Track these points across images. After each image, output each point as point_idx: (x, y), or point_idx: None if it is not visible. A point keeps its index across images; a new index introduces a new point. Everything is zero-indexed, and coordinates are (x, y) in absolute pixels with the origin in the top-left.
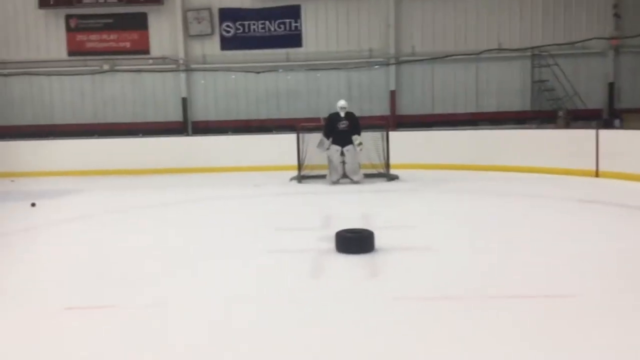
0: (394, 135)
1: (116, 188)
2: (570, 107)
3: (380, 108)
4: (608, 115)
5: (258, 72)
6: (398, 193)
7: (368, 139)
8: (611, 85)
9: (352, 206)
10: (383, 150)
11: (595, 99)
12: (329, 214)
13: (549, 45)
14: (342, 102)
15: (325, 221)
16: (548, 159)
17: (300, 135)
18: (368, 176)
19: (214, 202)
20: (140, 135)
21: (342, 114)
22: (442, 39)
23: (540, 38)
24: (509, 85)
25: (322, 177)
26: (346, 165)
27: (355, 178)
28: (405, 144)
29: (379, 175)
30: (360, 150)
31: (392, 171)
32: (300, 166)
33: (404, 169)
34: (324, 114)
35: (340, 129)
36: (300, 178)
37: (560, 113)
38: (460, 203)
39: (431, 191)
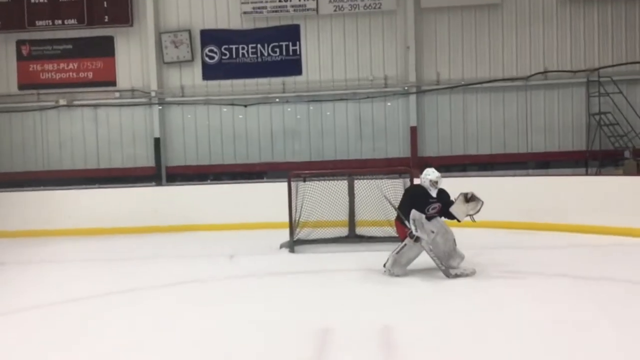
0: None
1: (55, 260)
2: (638, 146)
3: (398, 148)
4: None
5: (246, 105)
6: (439, 278)
7: (388, 189)
8: None
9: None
10: None
11: None
12: (330, 326)
13: (609, 66)
14: (434, 174)
15: (321, 344)
16: (620, 216)
17: (295, 184)
18: (388, 239)
19: (164, 296)
20: (97, 185)
21: (434, 193)
22: (473, 64)
23: (596, 60)
24: (559, 119)
25: (323, 241)
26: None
27: (454, 265)
28: None
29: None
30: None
31: None
32: (292, 228)
33: None
34: (329, 155)
35: (428, 215)
36: (293, 245)
37: (627, 154)
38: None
39: (495, 275)
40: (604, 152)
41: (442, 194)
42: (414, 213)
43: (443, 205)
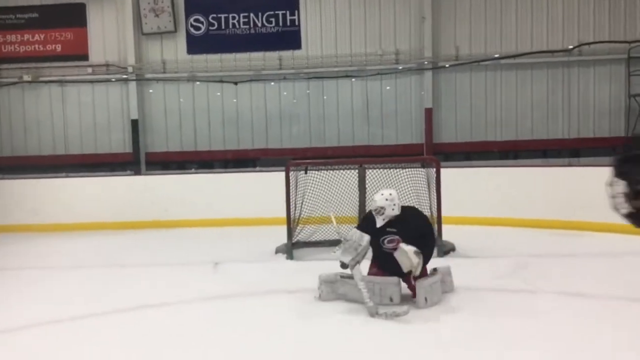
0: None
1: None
2: None
3: (411, 133)
4: None
5: (236, 83)
6: (469, 294)
7: (405, 182)
8: None
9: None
10: (430, 202)
11: None
12: None
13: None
14: (378, 198)
15: None
16: None
17: (294, 175)
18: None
19: (108, 329)
20: (64, 174)
21: (379, 222)
22: (497, 37)
23: (639, 33)
24: (594, 101)
25: (328, 244)
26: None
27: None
28: (450, 186)
29: None
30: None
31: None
32: (290, 229)
33: (450, 225)
34: (330, 141)
35: (384, 249)
36: (292, 249)
37: None
38: None
39: (554, 299)
40: None
41: (405, 222)
42: (354, 232)
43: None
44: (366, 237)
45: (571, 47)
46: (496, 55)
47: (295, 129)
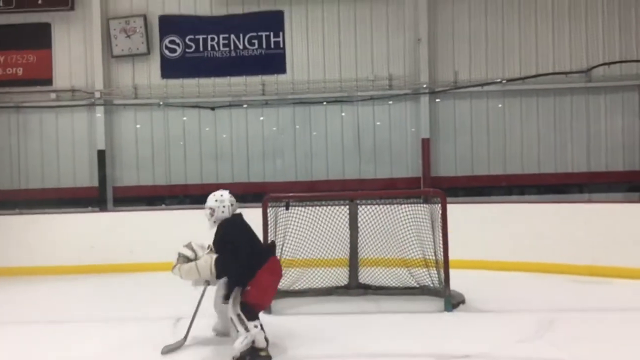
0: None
1: None
2: None
3: (407, 166)
4: None
5: (214, 108)
6: None
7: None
8: None
9: None
10: (435, 243)
11: None
12: None
13: None
14: (209, 197)
15: None
16: None
17: (273, 211)
18: (408, 292)
19: None
20: (17, 211)
21: (211, 224)
22: (500, 61)
23: None
24: (605, 131)
25: (313, 293)
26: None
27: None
28: (454, 225)
29: (428, 293)
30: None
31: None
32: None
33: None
34: (318, 174)
35: None
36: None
37: None
38: None
39: None
40: None
41: (217, 231)
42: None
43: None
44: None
45: (584, 69)
46: (498, 80)
47: (280, 162)
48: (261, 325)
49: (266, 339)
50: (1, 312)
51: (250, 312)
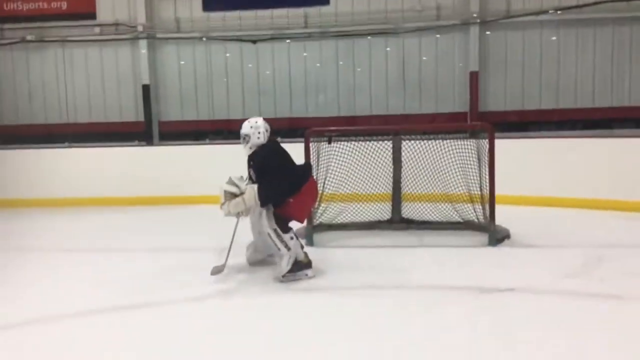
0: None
1: None
2: None
3: (453, 101)
4: None
5: (255, 42)
6: (533, 299)
7: (449, 155)
8: None
9: None
10: (481, 179)
11: None
12: None
13: None
14: (245, 124)
15: None
16: None
17: (316, 146)
18: (452, 227)
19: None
20: (67, 144)
21: (248, 150)
22: None
23: None
24: None
25: (355, 226)
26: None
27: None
28: (502, 160)
29: (472, 228)
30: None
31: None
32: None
33: (502, 206)
34: (362, 109)
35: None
36: (312, 233)
37: None
38: None
39: None
40: None
41: (256, 154)
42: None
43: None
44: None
45: None
46: (553, 9)
47: (322, 96)
48: (296, 236)
49: (302, 247)
50: (54, 239)
51: (284, 224)
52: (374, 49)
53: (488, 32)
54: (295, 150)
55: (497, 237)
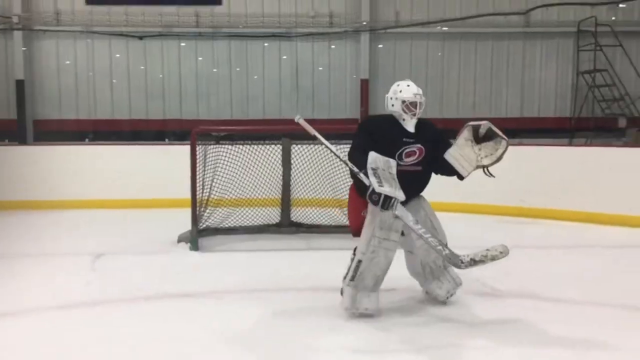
0: None
1: None
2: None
3: (345, 107)
4: None
5: (142, 38)
6: (411, 295)
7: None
8: None
9: None
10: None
11: None
12: None
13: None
14: (409, 89)
15: None
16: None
17: (202, 148)
18: (340, 230)
19: None
20: None
21: (411, 126)
22: (440, 3)
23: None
24: (540, 77)
25: (243, 230)
26: (418, 259)
27: (440, 292)
28: None
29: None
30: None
31: None
32: (196, 213)
33: None
34: (255, 112)
35: (403, 167)
36: (197, 238)
37: (622, 122)
38: None
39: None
40: (592, 120)
41: (426, 128)
42: (374, 157)
43: (429, 150)
44: (392, 162)
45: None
46: (438, 20)
47: (214, 99)
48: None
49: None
50: None
51: None
52: (268, 54)
53: (380, 46)
54: (181, 153)
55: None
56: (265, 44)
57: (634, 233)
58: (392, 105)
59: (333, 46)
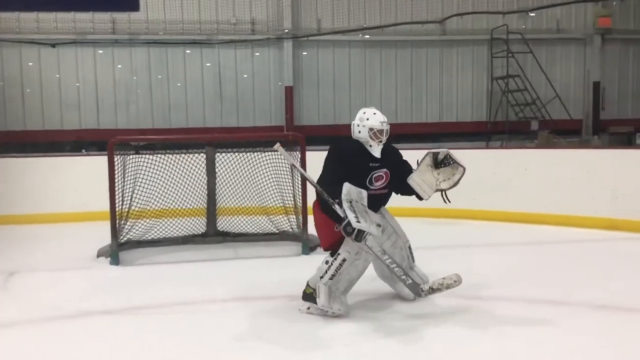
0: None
1: None
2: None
3: (270, 114)
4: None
5: (54, 45)
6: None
7: (264, 167)
8: (596, 86)
9: None
10: (294, 190)
11: (576, 105)
12: None
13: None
14: (376, 117)
15: None
16: (559, 201)
17: (121, 158)
18: (267, 238)
19: None
20: None
21: (377, 152)
22: (362, 11)
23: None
24: (457, 84)
25: (168, 242)
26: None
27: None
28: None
29: (287, 238)
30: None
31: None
32: (116, 225)
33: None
34: (178, 121)
35: (372, 192)
36: (117, 251)
37: (534, 125)
38: None
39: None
40: (506, 123)
41: (390, 153)
42: (348, 189)
43: (394, 173)
44: (364, 193)
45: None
46: (358, 28)
47: (134, 107)
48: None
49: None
50: None
51: None
52: (190, 61)
53: (305, 54)
54: (99, 164)
55: (310, 245)
56: (187, 51)
57: (549, 230)
58: (359, 132)
59: (257, 53)
